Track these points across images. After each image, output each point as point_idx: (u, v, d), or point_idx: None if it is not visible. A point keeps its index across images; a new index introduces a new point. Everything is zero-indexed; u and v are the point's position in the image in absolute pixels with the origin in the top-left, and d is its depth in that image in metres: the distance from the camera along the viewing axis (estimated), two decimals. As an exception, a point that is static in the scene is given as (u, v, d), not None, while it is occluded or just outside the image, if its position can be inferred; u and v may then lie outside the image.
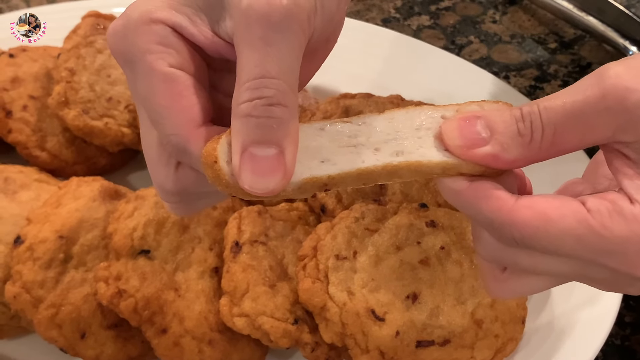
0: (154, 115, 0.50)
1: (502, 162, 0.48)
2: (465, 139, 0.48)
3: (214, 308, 0.74)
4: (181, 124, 0.49)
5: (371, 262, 0.72)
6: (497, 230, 0.48)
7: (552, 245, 0.46)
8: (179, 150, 0.50)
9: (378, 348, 0.69)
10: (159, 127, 0.50)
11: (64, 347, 0.74)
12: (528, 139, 0.47)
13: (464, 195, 0.48)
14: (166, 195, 0.54)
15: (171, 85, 0.49)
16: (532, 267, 0.49)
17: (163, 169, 0.52)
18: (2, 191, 0.82)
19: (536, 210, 0.46)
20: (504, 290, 0.53)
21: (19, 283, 0.74)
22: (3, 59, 0.94)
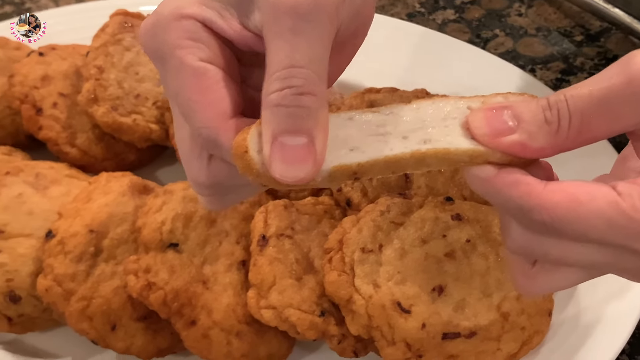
0: (185, 109, 0.51)
1: (530, 151, 0.48)
2: (492, 127, 0.48)
3: (242, 300, 0.75)
4: (211, 117, 0.50)
5: (397, 255, 0.73)
6: (526, 215, 0.47)
7: (581, 228, 0.46)
8: (209, 142, 0.50)
9: (404, 340, 0.70)
10: (190, 121, 0.51)
11: (95, 339, 0.75)
12: (555, 126, 0.47)
13: (492, 182, 0.48)
14: (199, 189, 0.55)
15: (201, 79, 0.50)
16: (563, 257, 0.49)
17: (196, 162, 0.53)
18: (34, 187, 0.83)
19: (566, 194, 0.46)
20: (533, 286, 0.53)
21: (51, 276, 0.76)
22: (33, 58, 0.95)
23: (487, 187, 0.48)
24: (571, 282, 0.52)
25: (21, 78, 0.92)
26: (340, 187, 0.82)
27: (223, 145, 0.50)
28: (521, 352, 0.72)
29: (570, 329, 0.75)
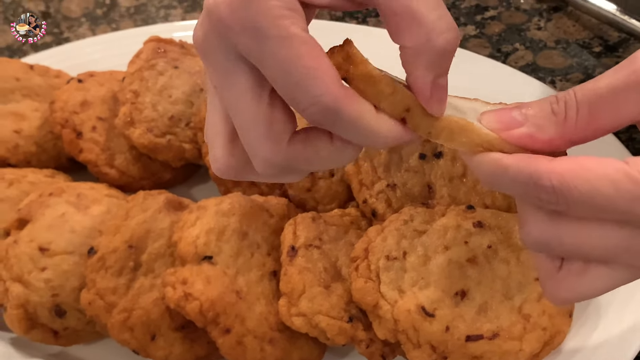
0: (298, 79, 0.48)
1: (539, 142, 0.49)
2: (501, 122, 0.50)
3: (274, 309, 0.79)
4: (330, 83, 0.48)
5: (420, 262, 0.76)
6: (536, 184, 0.47)
7: (590, 192, 0.46)
8: (328, 110, 0.49)
9: (429, 342, 0.72)
10: (302, 90, 0.49)
11: (136, 349, 0.79)
12: (562, 116, 0.49)
13: (501, 161, 0.49)
14: (268, 169, 0.53)
15: (312, 47, 0.49)
16: (577, 242, 0.49)
17: (272, 144, 0.52)
18: (76, 206, 0.88)
19: (574, 161, 0.47)
20: (562, 290, 0.53)
21: (93, 290, 0.80)
22: (72, 85, 1.00)
23: (497, 167, 0.49)
24: (600, 286, 0.52)
25: (61, 104, 0.97)
26: (366, 198, 0.85)
27: (346, 111, 0.49)
28: (543, 352, 0.75)
29: (591, 329, 0.77)
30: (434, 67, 0.49)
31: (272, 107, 0.52)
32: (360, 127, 0.50)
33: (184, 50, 1.03)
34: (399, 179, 0.86)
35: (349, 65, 0.49)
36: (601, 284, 0.52)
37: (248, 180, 0.59)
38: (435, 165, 0.86)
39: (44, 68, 1.06)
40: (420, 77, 0.49)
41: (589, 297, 0.53)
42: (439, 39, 0.48)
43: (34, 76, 1.04)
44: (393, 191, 0.85)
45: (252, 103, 0.52)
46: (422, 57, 0.49)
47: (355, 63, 0.49)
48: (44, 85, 1.04)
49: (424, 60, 0.49)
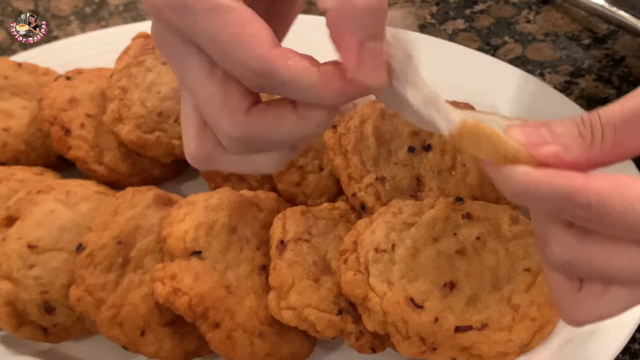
0: (227, 47, 0.48)
1: (565, 163, 0.48)
2: (529, 138, 0.49)
3: (263, 303, 0.79)
4: (259, 47, 0.48)
5: (409, 254, 0.76)
6: (570, 200, 0.46)
7: (626, 211, 0.45)
8: (261, 75, 0.48)
9: (418, 334, 0.72)
10: (234, 58, 0.49)
11: (125, 345, 0.79)
12: (589, 140, 0.48)
13: (533, 175, 0.48)
14: (232, 143, 0.53)
15: (237, 13, 0.48)
16: (606, 264, 0.48)
17: (230, 116, 0.52)
18: (64, 203, 0.87)
19: (610, 179, 0.46)
20: (581, 312, 0.52)
21: (82, 287, 0.79)
22: (61, 82, 1.00)
23: (529, 180, 0.48)
24: (620, 307, 0.51)
25: (50, 101, 0.96)
26: (355, 192, 0.85)
27: (277, 72, 0.48)
28: (533, 342, 0.75)
29: (580, 320, 0.77)
30: (358, 28, 0.47)
31: (226, 80, 0.51)
32: (302, 86, 0.49)
33: (172, 47, 1.03)
34: (388, 172, 0.86)
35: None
36: (621, 305, 0.51)
37: (222, 167, 0.58)
38: (424, 158, 0.86)
39: (32, 66, 1.05)
40: (346, 40, 0.48)
41: (607, 318, 0.53)
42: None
43: (23, 74, 1.04)
44: (382, 184, 0.85)
45: (205, 81, 0.51)
46: (343, 18, 0.47)
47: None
48: (33, 83, 1.03)
49: (346, 21, 0.47)
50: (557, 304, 0.54)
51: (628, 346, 0.81)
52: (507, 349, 0.73)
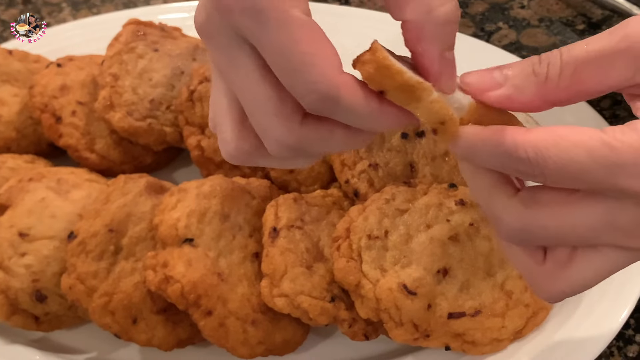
0: (295, 65, 0.47)
1: (517, 103, 0.48)
2: (480, 81, 0.49)
3: (256, 290, 0.78)
4: (329, 70, 0.47)
5: (402, 240, 0.75)
6: (511, 155, 0.46)
7: (564, 160, 0.45)
8: (325, 99, 0.47)
9: (411, 321, 0.72)
10: (300, 77, 0.47)
11: (117, 333, 0.78)
12: (543, 77, 0.47)
13: (478, 133, 0.48)
14: (282, 150, 0.52)
15: (312, 32, 0.47)
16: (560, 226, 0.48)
17: (284, 124, 0.50)
18: (56, 191, 0.87)
19: (550, 130, 0.46)
20: (552, 283, 0.51)
21: (74, 275, 0.79)
22: (52, 69, 0.99)
23: (474, 139, 0.48)
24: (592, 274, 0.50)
25: (41, 89, 0.96)
26: (348, 178, 0.85)
27: (342, 98, 0.47)
28: (527, 328, 0.75)
29: (574, 305, 0.77)
30: (439, 40, 0.47)
31: (281, 86, 0.49)
32: (363, 116, 0.48)
33: (164, 33, 1.02)
34: (381, 159, 0.85)
35: (383, 78, 0.46)
36: (593, 272, 0.50)
37: (260, 165, 0.56)
38: (417, 145, 0.86)
39: (23, 53, 1.05)
40: (426, 51, 0.48)
41: (582, 288, 0.51)
42: (440, 9, 0.47)
43: (13, 61, 1.03)
44: (375, 171, 0.85)
45: (259, 83, 0.50)
46: (425, 30, 0.47)
47: (391, 74, 0.46)
48: (23, 70, 1.02)
49: (428, 33, 0.47)
50: (527, 280, 0.53)
51: (622, 332, 0.81)
52: (501, 335, 0.73)
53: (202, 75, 0.93)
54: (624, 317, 0.75)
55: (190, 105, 0.93)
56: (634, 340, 0.81)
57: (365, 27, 1.04)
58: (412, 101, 0.47)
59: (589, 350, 0.74)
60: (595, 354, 0.74)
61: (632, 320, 0.82)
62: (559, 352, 0.75)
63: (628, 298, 0.76)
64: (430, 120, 0.48)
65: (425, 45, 0.47)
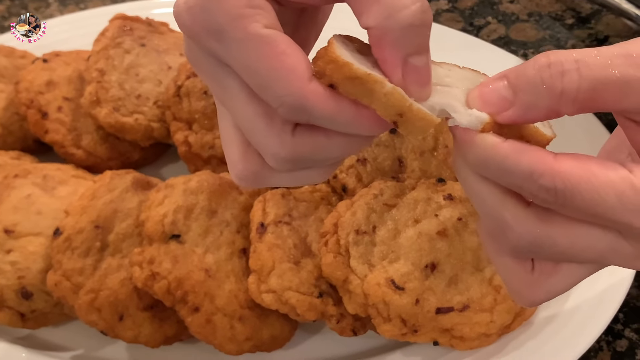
0: (261, 80, 0.47)
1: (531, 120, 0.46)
2: (488, 104, 0.46)
3: (243, 286, 0.78)
4: (293, 83, 0.46)
5: (390, 236, 0.75)
6: (535, 182, 0.44)
7: (593, 200, 0.44)
8: (296, 110, 0.47)
9: (399, 316, 0.72)
10: (269, 92, 0.47)
11: (104, 330, 0.78)
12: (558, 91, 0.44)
13: (500, 148, 0.45)
14: (279, 164, 0.51)
15: (273, 46, 0.46)
16: (570, 245, 0.47)
17: (276, 138, 0.49)
18: (42, 188, 0.86)
19: (580, 163, 0.44)
20: (536, 294, 0.51)
21: (60, 272, 0.78)
22: (38, 64, 0.98)
23: (496, 152, 0.45)
24: (570, 282, 0.51)
25: (26, 84, 0.95)
26: (336, 173, 0.84)
27: (312, 109, 0.46)
28: (515, 323, 0.74)
29: (562, 299, 0.77)
30: (402, 45, 0.45)
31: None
32: (339, 122, 0.47)
33: (151, 28, 1.01)
34: (369, 154, 0.85)
35: (332, 72, 0.45)
36: (574, 280, 0.51)
37: (269, 185, 0.55)
38: (406, 140, 0.85)
39: (9, 49, 1.04)
40: (388, 57, 0.46)
41: (560, 294, 0.52)
42: (402, 12, 0.45)
43: (-1, 57, 1.02)
44: (363, 166, 0.84)
45: (247, 102, 0.50)
46: (386, 35, 0.45)
47: (339, 67, 0.45)
48: (9, 66, 1.02)
49: (389, 38, 0.45)
50: (511, 291, 0.53)
51: (610, 327, 0.81)
52: (489, 330, 0.73)
53: (190, 70, 0.92)
54: (613, 311, 0.75)
55: (178, 101, 0.92)
56: (623, 334, 0.81)
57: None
58: (365, 95, 0.46)
59: (577, 345, 0.74)
60: (584, 349, 0.74)
61: (621, 314, 0.82)
62: (547, 347, 0.74)
63: (617, 292, 0.76)
64: (387, 114, 0.46)
65: (387, 51, 0.46)
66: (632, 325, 0.82)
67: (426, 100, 0.47)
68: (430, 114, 0.46)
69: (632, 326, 0.81)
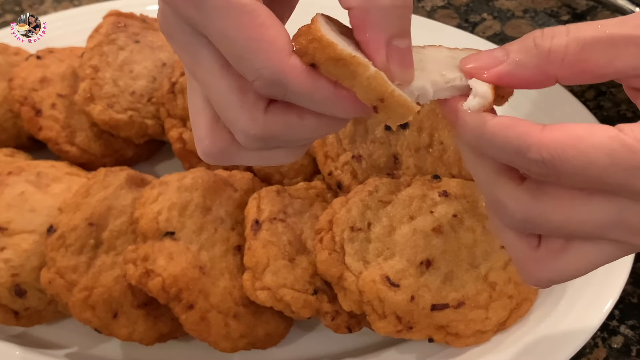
0: (239, 51, 0.46)
1: (519, 79, 0.47)
2: (480, 61, 0.47)
3: (238, 284, 0.78)
4: (272, 56, 0.45)
5: (385, 232, 0.75)
6: (524, 156, 0.45)
7: (582, 164, 0.43)
8: (273, 84, 0.46)
9: (394, 313, 0.72)
10: (246, 63, 0.46)
11: (98, 328, 0.77)
12: (546, 50, 0.46)
13: (487, 124, 0.45)
14: (250, 141, 0.50)
15: (254, 16, 0.45)
16: (565, 219, 0.47)
17: (248, 114, 0.48)
18: (35, 185, 0.86)
19: (566, 130, 0.44)
20: (542, 271, 0.50)
21: (53, 269, 0.78)
22: (31, 61, 0.98)
23: (482, 130, 0.46)
24: (582, 265, 0.49)
25: (20, 81, 0.95)
26: (331, 170, 0.84)
27: (289, 83, 0.46)
28: (510, 319, 0.74)
29: (558, 296, 0.77)
30: (384, 27, 0.45)
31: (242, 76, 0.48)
32: (316, 101, 0.47)
33: (145, 25, 1.01)
34: (364, 151, 0.84)
35: (314, 51, 0.45)
36: (585, 263, 0.49)
37: (238, 163, 0.55)
38: (401, 136, 0.85)
39: (2, 46, 1.03)
40: (371, 39, 0.46)
41: (571, 277, 0.50)
42: None
43: (-7, 54, 1.02)
44: (358, 163, 0.84)
45: (221, 75, 0.49)
46: (368, 16, 0.45)
47: (322, 47, 0.45)
48: (3, 63, 1.01)
49: (372, 19, 0.45)
50: (516, 265, 0.52)
51: (606, 323, 0.81)
52: (484, 327, 0.73)
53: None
54: (608, 308, 0.75)
55: (172, 98, 0.92)
56: (619, 331, 0.81)
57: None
58: (347, 77, 0.45)
59: (573, 342, 0.74)
60: (579, 345, 0.74)
61: (617, 311, 0.82)
62: (542, 343, 0.74)
63: (612, 289, 0.76)
64: (368, 98, 0.46)
65: (370, 33, 0.45)
66: (627, 322, 0.81)
67: (410, 84, 0.47)
68: (410, 101, 0.46)
69: (627, 323, 0.81)
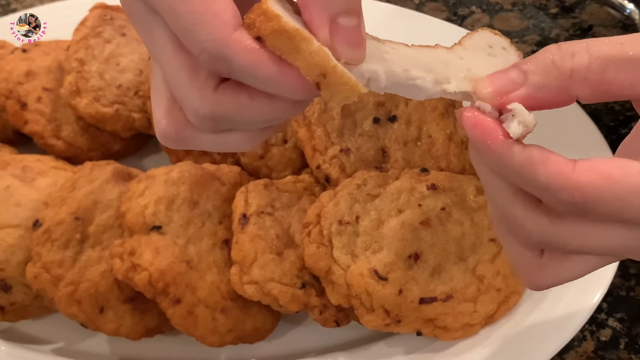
0: (184, 24, 0.45)
1: (542, 101, 0.45)
2: (496, 85, 0.46)
3: (225, 278, 0.77)
4: (216, 29, 0.45)
5: (373, 226, 0.74)
6: (553, 196, 0.44)
7: (617, 207, 0.43)
8: (216, 58, 0.45)
9: (382, 306, 0.71)
10: (191, 36, 0.45)
11: (84, 323, 0.77)
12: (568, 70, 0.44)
13: (517, 159, 0.44)
14: (201, 121, 0.49)
15: None
16: (582, 245, 0.46)
17: (197, 92, 0.48)
18: (21, 179, 0.85)
19: (599, 172, 0.43)
20: (543, 278, 0.50)
21: (39, 264, 0.77)
22: (17, 55, 0.97)
23: (510, 162, 0.44)
24: (581, 271, 0.50)
25: (5, 75, 0.94)
26: (319, 164, 0.84)
27: (232, 58, 0.45)
28: (498, 312, 0.74)
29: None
30: (327, 4, 0.44)
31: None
32: (260, 77, 0.45)
33: (132, 18, 1.00)
34: (352, 144, 0.84)
35: (261, 23, 0.44)
36: (584, 269, 0.50)
37: (193, 147, 0.54)
38: (389, 129, 0.85)
39: (-13, 39, 1.02)
40: (314, 15, 0.45)
41: (571, 280, 0.51)
42: None
43: (-23, 48, 1.01)
44: (347, 156, 0.84)
45: (172, 52, 0.48)
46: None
47: (268, 19, 0.44)
48: (-12, 56, 1.00)
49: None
50: (518, 272, 0.52)
51: (594, 316, 0.81)
52: (472, 320, 0.73)
53: (171, 60, 0.91)
54: (597, 300, 0.75)
55: (159, 91, 0.91)
56: (607, 324, 0.81)
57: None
58: (291, 51, 0.44)
59: (561, 335, 0.74)
60: (567, 338, 0.74)
61: (605, 304, 0.82)
62: (531, 336, 0.74)
63: (600, 281, 0.76)
64: (310, 73, 0.44)
65: (312, 10, 0.45)
66: (616, 315, 0.81)
67: (358, 64, 0.45)
68: (355, 81, 0.45)
69: (616, 315, 0.81)
